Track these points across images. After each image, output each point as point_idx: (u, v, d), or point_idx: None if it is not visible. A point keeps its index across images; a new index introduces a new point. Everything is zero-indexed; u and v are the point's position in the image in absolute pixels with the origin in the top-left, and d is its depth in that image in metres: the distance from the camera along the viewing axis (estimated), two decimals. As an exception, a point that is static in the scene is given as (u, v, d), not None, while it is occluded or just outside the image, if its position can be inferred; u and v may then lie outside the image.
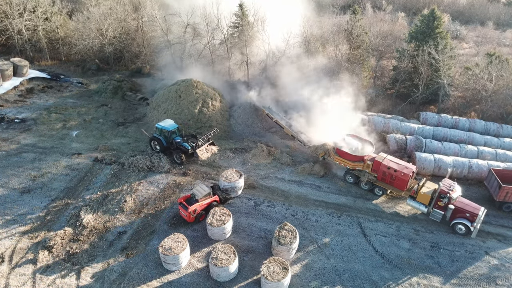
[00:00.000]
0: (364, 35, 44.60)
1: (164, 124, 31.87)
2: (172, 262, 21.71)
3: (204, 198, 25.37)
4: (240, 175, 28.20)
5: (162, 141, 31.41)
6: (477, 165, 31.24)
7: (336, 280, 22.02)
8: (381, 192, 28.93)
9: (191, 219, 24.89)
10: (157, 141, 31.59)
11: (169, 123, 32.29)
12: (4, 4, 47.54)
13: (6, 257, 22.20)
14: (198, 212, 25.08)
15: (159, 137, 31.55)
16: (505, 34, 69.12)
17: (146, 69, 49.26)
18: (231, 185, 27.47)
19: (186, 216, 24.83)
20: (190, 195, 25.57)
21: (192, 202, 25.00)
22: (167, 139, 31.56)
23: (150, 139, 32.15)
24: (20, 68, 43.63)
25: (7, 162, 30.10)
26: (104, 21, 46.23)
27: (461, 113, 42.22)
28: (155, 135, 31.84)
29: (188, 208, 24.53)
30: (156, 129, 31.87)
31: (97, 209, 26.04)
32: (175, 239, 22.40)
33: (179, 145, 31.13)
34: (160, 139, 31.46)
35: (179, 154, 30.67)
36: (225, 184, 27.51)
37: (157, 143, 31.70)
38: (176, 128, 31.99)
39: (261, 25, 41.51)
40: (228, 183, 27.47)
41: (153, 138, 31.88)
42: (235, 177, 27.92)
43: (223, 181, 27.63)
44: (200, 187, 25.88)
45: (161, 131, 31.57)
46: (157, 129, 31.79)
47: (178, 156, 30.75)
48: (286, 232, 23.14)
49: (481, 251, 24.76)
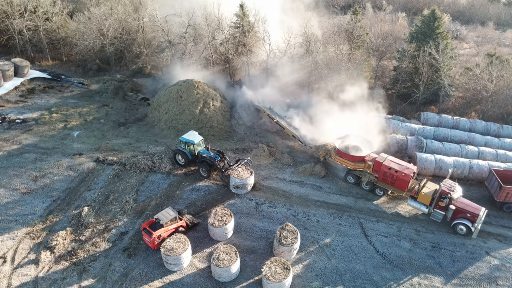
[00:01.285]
0: (364, 35, 44.66)
1: (188, 137, 30.19)
2: (174, 262, 21.77)
3: (170, 223, 23.29)
4: (251, 172, 28.48)
5: (187, 154, 29.88)
6: (478, 165, 31.29)
7: (337, 280, 22.09)
8: (382, 192, 28.99)
9: (155, 246, 22.67)
10: (182, 154, 30.02)
11: (193, 135, 30.61)
12: (5, 5, 47.54)
13: (8, 258, 22.28)
14: (163, 238, 22.80)
15: (183, 150, 29.98)
16: (505, 34, 69.19)
17: (147, 70, 49.29)
18: (243, 182, 27.80)
19: (150, 242, 22.65)
20: (155, 220, 23.44)
21: (157, 227, 22.97)
22: (192, 152, 30.14)
23: (174, 153, 30.60)
24: (21, 69, 43.64)
25: (9, 163, 30.14)
26: (105, 22, 46.25)
27: (462, 113, 42.28)
28: (179, 148, 30.23)
29: (152, 233, 22.42)
30: (180, 142, 30.23)
31: (98, 210, 26.10)
32: (177, 240, 22.45)
33: (205, 158, 29.59)
34: (184, 152, 29.91)
35: (206, 167, 29.26)
36: (237, 181, 27.74)
37: (181, 156, 30.20)
38: (200, 140, 30.58)
39: (262, 25, 41.55)
40: (240, 180, 27.73)
41: (177, 151, 30.25)
42: (247, 174, 28.23)
43: (234, 178, 27.77)
44: (166, 212, 23.73)
45: (186, 144, 29.98)
46: (181, 142, 30.13)
47: (205, 170, 29.31)
48: (287, 233, 23.20)
49: (482, 251, 24.83)
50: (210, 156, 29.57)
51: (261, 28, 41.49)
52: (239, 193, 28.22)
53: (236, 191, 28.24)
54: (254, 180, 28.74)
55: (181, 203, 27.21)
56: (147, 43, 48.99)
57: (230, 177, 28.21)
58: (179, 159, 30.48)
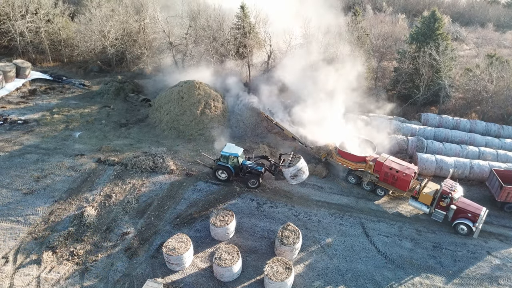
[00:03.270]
0: (365, 36, 44.80)
1: (230, 150, 28.87)
2: (175, 262, 21.81)
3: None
4: (299, 157, 29.13)
5: (230, 168, 28.71)
6: (479, 165, 31.36)
7: (339, 280, 22.13)
8: (383, 192, 29.05)
9: None
10: (224, 169, 28.71)
11: (234, 148, 29.44)
12: (7, 6, 47.74)
13: (10, 258, 22.30)
14: None
15: (226, 165, 28.69)
16: (505, 35, 69.38)
17: (148, 71, 49.39)
18: (296, 168, 28.29)
19: None
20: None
21: None
22: (236, 165, 29.05)
23: (215, 169, 29.19)
24: (23, 70, 43.76)
25: (11, 163, 30.21)
26: (106, 23, 46.40)
27: (462, 114, 42.37)
28: (221, 163, 28.80)
29: None
30: (222, 157, 28.79)
31: (100, 210, 26.16)
32: (178, 239, 22.50)
33: (252, 169, 28.94)
34: (227, 167, 28.65)
35: (255, 178, 28.62)
36: (291, 170, 28.25)
37: (224, 171, 28.92)
38: (242, 151, 29.76)
39: (263, 26, 41.67)
40: (293, 168, 28.22)
41: (219, 167, 28.83)
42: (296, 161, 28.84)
43: (287, 170, 28.34)
44: (149, 286, 19.96)
45: (228, 158, 28.72)
46: (223, 156, 28.69)
47: (254, 181, 28.62)
48: (289, 233, 23.26)
49: (483, 251, 24.87)
50: (256, 168, 29.05)
51: (262, 29, 41.62)
52: (299, 181, 28.78)
53: (297, 181, 28.67)
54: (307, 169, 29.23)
55: (182, 203, 27.27)
56: (148, 44, 49.14)
57: (283, 172, 28.48)
58: (220, 175, 29.22)
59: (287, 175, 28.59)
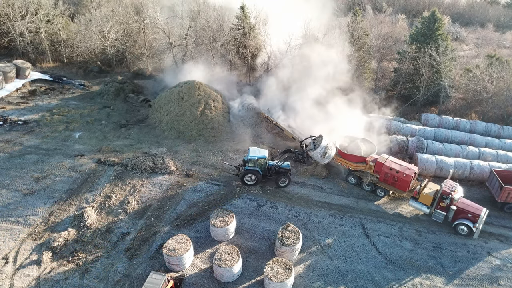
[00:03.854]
0: (365, 37, 44.81)
1: (256, 154, 28.81)
2: (175, 263, 21.78)
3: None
4: (320, 136, 29.88)
5: (259, 171, 28.78)
6: (479, 166, 31.35)
7: (339, 281, 22.11)
8: (383, 193, 29.04)
9: None
10: (253, 173, 28.71)
11: (258, 151, 29.34)
12: (7, 7, 47.75)
13: (10, 258, 22.28)
14: None
15: (254, 169, 28.71)
16: (505, 36, 69.45)
17: (148, 71, 49.42)
18: (323, 146, 29.16)
19: None
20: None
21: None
22: (264, 166, 29.10)
23: (243, 175, 28.94)
24: (23, 70, 43.78)
25: (10, 164, 30.19)
26: (106, 24, 46.43)
27: (462, 114, 42.39)
28: (249, 167, 28.73)
29: None
30: (249, 162, 28.61)
31: (100, 210, 26.14)
32: (178, 240, 22.48)
33: (279, 168, 29.28)
34: (255, 170, 28.68)
35: (285, 177, 29.02)
36: (318, 150, 29.23)
37: (253, 175, 28.86)
38: (267, 152, 29.93)
39: (263, 27, 41.70)
40: (320, 148, 29.19)
41: (248, 172, 28.74)
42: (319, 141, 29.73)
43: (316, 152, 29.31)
44: (153, 278, 19.75)
45: (256, 161, 28.59)
46: (251, 161, 28.54)
47: (284, 179, 29.05)
48: (289, 233, 23.24)
49: (483, 251, 24.85)
50: (283, 166, 29.40)
51: (262, 29, 41.64)
52: (330, 159, 29.82)
53: (328, 159, 29.77)
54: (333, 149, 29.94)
55: (182, 204, 27.26)
56: (148, 45, 49.18)
57: (312, 155, 29.08)
58: (248, 180, 29.11)
59: (316, 156, 29.07)
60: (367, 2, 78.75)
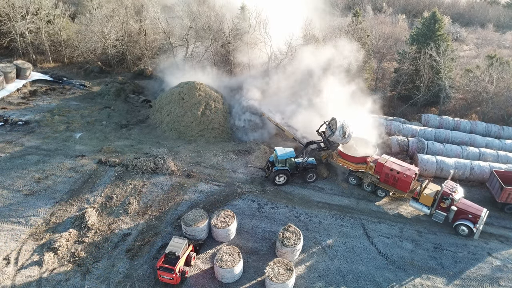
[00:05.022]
0: (365, 37, 44.84)
1: (284, 153, 29.28)
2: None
3: (183, 252, 21.67)
4: (333, 119, 29.87)
5: (288, 170, 29.22)
6: (479, 166, 31.39)
7: (340, 281, 22.16)
8: (384, 193, 29.09)
9: (177, 281, 21.01)
10: (283, 173, 29.12)
11: (285, 150, 29.83)
12: (7, 7, 47.76)
13: (12, 259, 22.34)
14: (182, 270, 21.44)
15: (284, 168, 29.15)
16: (505, 36, 69.49)
17: (149, 72, 49.44)
18: (339, 127, 28.91)
19: (173, 279, 20.78)
20: (166, 255, 21.35)
21: (172, 262, 21.06)
22: (293, 165, 29.59)
23: (274, 176, 29.21)
24: (23, 71, 43.80)
25: (11, 164, 30.22)
26: (106, 24, 46.44)
27: (462, 115, 42.43)
28: (278, 168, 29.08)
29: (174, 269, 20.67)
30: (279, 161, 28.95)
31: (101, 211, 26.18)
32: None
33: (306, 164, 29.82)
34: (285, 170, 29.12)
35: (314, 172, 29.84)
36: (337, 134, 28.94)
37: (283, 174, 29.23)
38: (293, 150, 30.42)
39: (263, 27, 41.70)
40: (338, 132, 28.92)
41: (278, 171, 29.06)
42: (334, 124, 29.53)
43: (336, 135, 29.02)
44: (175, 242, 21.78)
45: (286, 160, 29.04)
46: (280, 160, 28.91)
47: (312, 175, 29.83)
48: (290, 234, 23.29)
49: (483, 252, 24.91)
50: (310, 162, 30.14)
51: (262, 30, 41.64)
52: (351, 136, 29.60)
53: (350, 137, 29.51)
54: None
55: (183, 204, 27.30)
56: (149, 45, 49.21)
57: (333, 139, 29.37)
58: (278, 180, 29.49)
59: (338, 139, 29.19)
60: (367, 2, 78.77)
